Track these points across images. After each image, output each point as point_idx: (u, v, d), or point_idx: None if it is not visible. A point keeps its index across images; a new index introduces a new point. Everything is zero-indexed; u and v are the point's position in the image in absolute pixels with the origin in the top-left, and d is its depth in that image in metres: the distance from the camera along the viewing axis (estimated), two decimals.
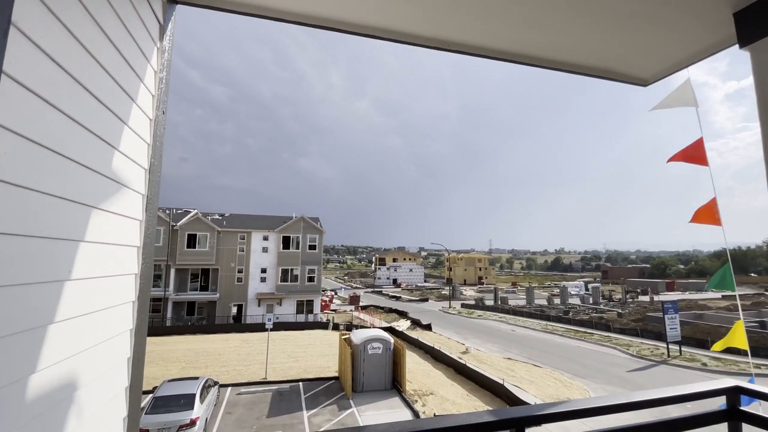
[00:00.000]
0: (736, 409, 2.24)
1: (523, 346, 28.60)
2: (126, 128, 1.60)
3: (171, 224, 35.91)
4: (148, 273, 1.80)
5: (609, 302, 56.39)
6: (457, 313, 48.76)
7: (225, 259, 37.88)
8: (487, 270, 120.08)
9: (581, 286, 74.17)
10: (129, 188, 1.64)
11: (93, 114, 1.39)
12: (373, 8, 2.10)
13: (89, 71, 1.35)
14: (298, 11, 2.07)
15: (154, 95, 1.85)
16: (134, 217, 1.70)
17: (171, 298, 35.69)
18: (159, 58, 1.89)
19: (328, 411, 14.96)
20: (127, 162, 1.62)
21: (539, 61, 2.75)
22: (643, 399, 2.09)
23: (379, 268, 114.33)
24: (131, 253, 1.70)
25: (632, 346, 27.26)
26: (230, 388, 17.56)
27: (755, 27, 1.76)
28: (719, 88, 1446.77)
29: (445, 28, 2.34)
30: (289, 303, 39.09)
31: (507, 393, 16.16)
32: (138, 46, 1.67)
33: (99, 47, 1.40)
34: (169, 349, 25.60)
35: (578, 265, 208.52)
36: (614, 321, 36.52)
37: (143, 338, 1.79)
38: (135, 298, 1.73)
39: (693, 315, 34.89)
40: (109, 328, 1.56)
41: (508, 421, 1.78)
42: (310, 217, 41.14)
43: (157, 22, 1.86)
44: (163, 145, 1.93)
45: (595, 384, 19.19)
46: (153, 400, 12.48)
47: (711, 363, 21.94)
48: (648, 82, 2.99)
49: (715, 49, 2.54)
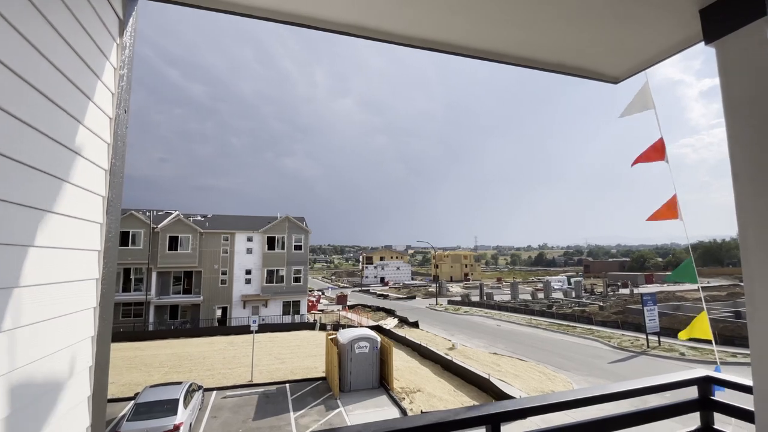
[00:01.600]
0: (707, 398, 2.30)
1: (509, 340, 29.02)
2: (82, 128, 1.53)
3: (152, 226, 35.08)
4: (110, 278, 1.74)
5: (591, 296, 57.67)
6: (444, 309, 49.12)
7: (208, 261, 37.25)
8: (473, 266, 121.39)
9: (564, 280, 75.61)
10: (87, 190, 1.58)
11: (43, 114, 1.33)
12: (354, 7, 2.07)
13: (37, 69, 1.29)
14: (275, 9, 2.02)
15: (114, 93, 1.78)
16: (93, 220, 1.63)
17: (153, 302, 34.91)
18: (119, 55, 1.82)
19: (316, 412, 14.88)
20: (84, 163, 1.55)
21: (513, 59, 2.77)
22: (617, 391, 2.13)
23: (366, 267, 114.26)
24: (91, 257, 1.63)
25: (613, 338, 27.96)
26: (215, 392, 17.29)
27: (720, 24, 1.80)
28: (694, 85, 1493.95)
29: (422, 27, 2.34)
30: (275, 304, 38.72)
31: (493, 387, 16.38)
32: (94, 43, 1.61)
33: (48, 44, 1.34)
34: (152, 354, 25.05)
35: (561, 260, 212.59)
36: (596, 314, 37.38)
37: (106, 345, 1.72)
38: (96, 304, 1.66)
39: (671, 306, 35.99)
40: (67, 335, 1.50)
41: (484, 417, 1.79)
42: (296, 217, 40.79)
43: (117, 17, 1.79)
44: (125, 144, 1.86)
45: (578, 376, 19.61)
46: (135, 407, 12.20)
47: (689, 352, 22.69)
48: (618, 80, 3.05)
49: (682, 46, 2.60)
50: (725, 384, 2.27)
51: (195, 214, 40.16)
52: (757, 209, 1.50)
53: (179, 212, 37.82)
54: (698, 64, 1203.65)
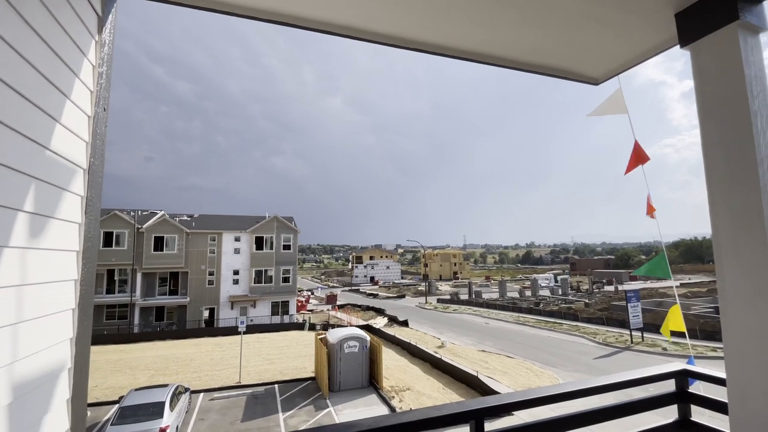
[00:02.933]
0: (684, 391, 2.37)
1: (497, 338, 29.33)
2: (58, 126, 1.50)
3: (136, 227, 34.42)
4: (90, 279, 1.71)
5: (577, 293, 58.65)
6: (433, 308, 49.36)
7: (195, 261, 36.71)
8: (462, 265, 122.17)
9: (551, 278, 76.65)
10: (64, 189, 1.55)
11: (18, 112, 1.30)
12: (341, 7, 2.07)
13: (11, 66, 1.26)
14: (263, 8, 2.00)
15: (93, 91, 1.75)
16: (71, 220, 1.61)
17: (138, 303, 34.27)
18: (98, 52, 1.79)
19: (305, 412, 14.82)
20: (61, 162, 1.53)
21: (497, 60, 2.80)
22: (598, 385, 2.18)
23: (356, 266, 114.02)
24: (69, 258, 1.60)
25: (599, 334, 28.48)
26: (203, 394, 17.09)
27: (694, 27, 1.85)
28: (676, 86, 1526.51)
29: (408, 28, 2.35)
30: (263, 305, 38.38)
31: (481, 384, 16.54)
32: (72, 40, 1.58)
33: (22, 40, 1.31)
34: (137, 357, 24.61)
35: (548, 258, 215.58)
36: (582, 311, 38.00)
37: (86, 347, 1.70)
38: (75, 306, 1.64)
39: (654, 303, 36.81)
40: (45, 337, 1.48)
41: (467, 413, 1.81)
42: (285, 217, 40.48)
43: (95, 13, 1.76)
44: (104, 143, 1.83)
45: (564, 372, 19.93)
46: (119, 410, 11.98)
47: (671, 347, 23.24)
48: (599, 81, 3.11)
49: (659, 49, 2.67)
50: (700, 377, 2.34)
51: (181, 214, 39.52)
52: (728, 209, 1.55)
53: (165, 212, 37.16)
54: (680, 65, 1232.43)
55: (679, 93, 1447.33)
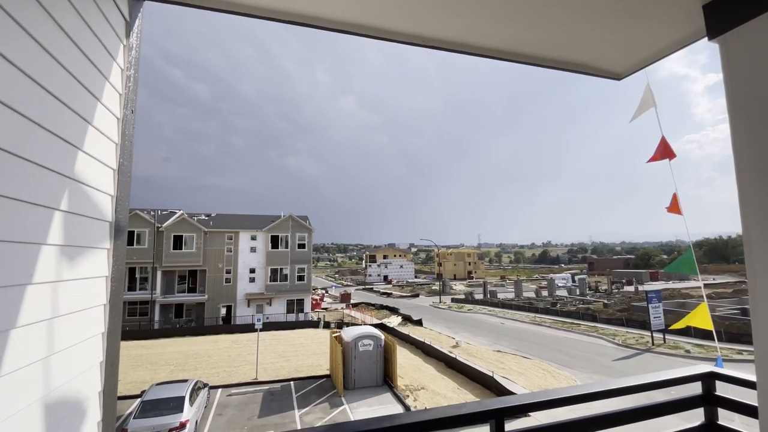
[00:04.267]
0: (710, 394, 2.31)
1: (513, 338, 28.99)
2: (91, 128, 1.56)
3: (156, 226, 35.28)
4: (119, 276, 1.77)
5: (595, 293, 57.45)
6: (448, 307, 49.11)
7: (212, 259, 37.42)
8: (477, 264, 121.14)
9: (568, 278, 75.34)
10: (96, 189, 1.61)
11: (53, 114, 1.35)
12: (356, 5, 2.09)
13: (47, 70, 1.32)
14: (277, 8, 2.04)
15: (122, 94, 1.81)
16: (103, 218, 1.66)
17: (158, 300, 35.14)
18: (126, 56, 1.84)
19: (320, 409, 14.96)
20: (93, 162, 1.58)
21: (516, 56, 2.77)
22: (621, 386, 2.14)
23: (369, 265, 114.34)
24: (101, 255, 1.66)
25: (618, 335, 27.86)
26: (220, 390, 17.41)
27: (723, 19, 1.79)
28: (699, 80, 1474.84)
29: (425, 25, 2.35)
30: (279, 303, 38.85)
31: (497, 385, 16.38)
32: (102, 44, 1.63)
33: (58, 46, 1.36)
34: (158, 353, 25.24)
35: (565, 258, 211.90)
36: (600, 311, 37.24)
37: (116, 342, 1.75)
38: (106, 301, 1.69)
39: (676, 303, 35.78)
40: (79, 331, 1.53)
41: (488, 412, 1.80)
42: (299, 216, 40.87)
43: (123, 18, 1.82)
44: (132, 144, 1.89)
45: (582, 374, 19.57)
46: (141, 404, 12.31)
47: (694, 350, 22.57)
48: (622, 76, 3.05)
49: (685, 42, 2.59)
50: (729, 379, 2.27)
51: (199, 214, 40.34)
52: (760, 205, 1.50)
53: (183, 212, 38.00)
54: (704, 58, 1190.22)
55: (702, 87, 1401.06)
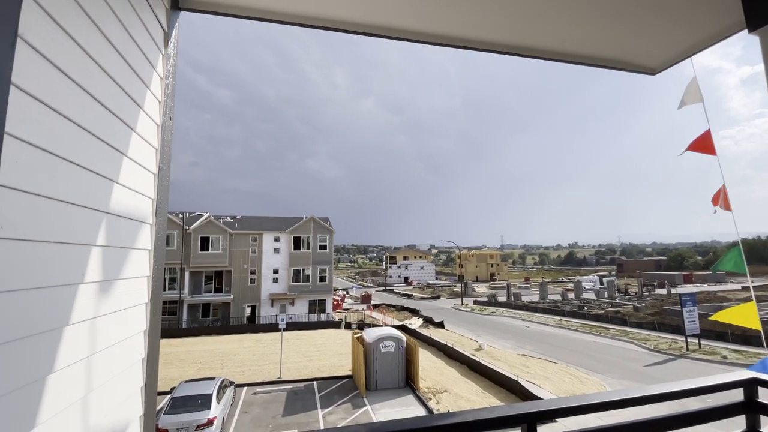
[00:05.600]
0: (753, 401, 2.19)
1: (538, 342, 28.34)
2: (134, 134, 1.63)
3: (184, 228, 36.44)
4: (159, 275, 1.84)
5: (625, 296, 55.47)
6: (470, 310, 48.50)
7: (238, 260, 38.33)
8: (500, 266, 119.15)
9: (596, 280, 73.06)
10: (139, 193, 1.68)
11: (100, 121, 1.42)
12: (377, 7, 2.10)
13: (95, 79, 1.39)
14: (301, 13, 2.09)
15: (161, 101, 1.89)
16: (145, 220, 1.74)
17: (186, 300, 36.28)
18: (164, 65, 1.92)
19: (342, 409, 15.05)
20: (136, 167, 1.66)
21: (547, 54, 2.72)
22: (657, 393, 2.05)
23: (389, 266, 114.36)
24: (143, 256, 1.74)
25: (649, 340, 26.79)
26: (246, 388, 17.79)
27: (764, 11, 1.71)
28: (734, 73, 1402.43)
29: (451, 25, 2.34)
30: (301, 303, 39.38)
31: (522, 389, 16.05)
32: (143, 53, 1.71)
33: (104, 55, 1.43)
34: (186, 351, 26.04)
35: (592, 259, 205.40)
36: (630, 315, 35.92)
37: (156, 339, 1.83)
38: (148, 300, 1.77)
39: (712, 307, 34.07)
40: (123, 329, 1.60)
41: (520, 416, 1.77)
42: (320, 217, 41.34)
43: (162, 29, 1.89)
44: (170, 149, 1.97)
45: (611, 379, 18.92)
46: (171, 401, 12.72)
47: (731, 356, 21.44)
48: (656, 71, 2.94)
49: (723, 35, 2.48)
50: None
51: (225, 216, 41.41)
52: None
53: (210, 214, 39.10)
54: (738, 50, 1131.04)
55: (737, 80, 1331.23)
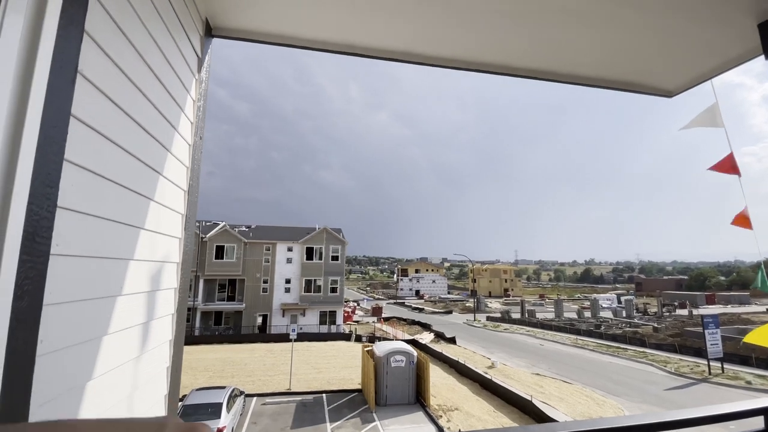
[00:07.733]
0: None
1: (552, 361, 27.64)
2: (169, 155, 1.74)
3: (200, 236, 37.11)
4: (185, 287, 1.93)
5: (644, 316, 53.86)
6: (483, 326, 47.72)
7: (251, 269, 38.73)
8: (514, 282, 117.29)
9: (613, 298, 71.20)
10: (171, 209, 1.78)
11: (141, 144, 1.53)
12: (397, 33, 2.20)
13: (138, 106, 1.50)
14: (324, 39, 2.20)
15: (193, 122, 2.00)
16: (175, 235, 1.83)
17: (199, 308, 36.72)
18: (197, 88, 2.04)
19: (351, 424, 14.89)
20: (170, 185, 1.76)
21: (564, 77, 2.76)
22: (676, 419, 2.02)
23: (401, 279, 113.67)
24: (172, 269, 1.83)
25: (670, 362, 25.86)
26: (255, 398, 17.80)
27: None
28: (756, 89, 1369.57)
29: (469, 50, 2.41)
30: (312, 314, 39.41)
31: (535, 410, 15.63)
32: (179, 79, 1.83)
33: (147, 83, 1.55)
34: (198, 358, 26.26)
35: (610, 277, 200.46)
36: (650, 336, 34.80)
37: (180, 348, 1.90)
38: (174, 311, 1.85)
39: (736, 330, 32.80)
40: (152, 339, 1.68)
41: None
42: (333, 228, 41.59)
43: (196, 55, 2.02)
44: (200, 167, 2.07)
45: (629, 403, 18.28)
46: (182, 408, 12.83)
47: (756, 381, 20.53)
48: (673, 94, 2.96)
49: (740, 60, 2.50)
50: None
51: (240, 225, 42.05)
52: None
53: (226, 223, 39.77)
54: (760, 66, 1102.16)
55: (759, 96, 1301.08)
